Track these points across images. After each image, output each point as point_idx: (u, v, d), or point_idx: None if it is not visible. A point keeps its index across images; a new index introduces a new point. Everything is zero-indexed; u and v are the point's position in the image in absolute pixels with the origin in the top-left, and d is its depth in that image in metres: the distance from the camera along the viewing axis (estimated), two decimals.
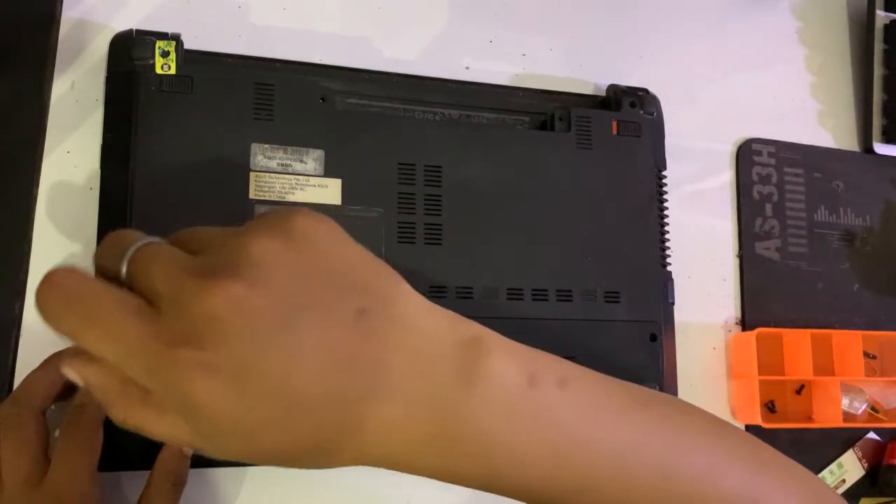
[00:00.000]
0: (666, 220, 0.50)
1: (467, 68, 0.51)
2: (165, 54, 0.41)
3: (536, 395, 0.25)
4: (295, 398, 0.22)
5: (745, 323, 0.54)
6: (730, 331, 0.54)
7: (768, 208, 0.57)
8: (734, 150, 0.57)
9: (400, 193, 0.44)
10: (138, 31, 0.43)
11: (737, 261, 0.56)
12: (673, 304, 0.49)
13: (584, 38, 0.55)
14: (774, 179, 0.57)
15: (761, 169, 0.57)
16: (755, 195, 0.57)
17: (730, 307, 0.55)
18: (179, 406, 0.22)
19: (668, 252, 0.50)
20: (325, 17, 0.49)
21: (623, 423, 0.26)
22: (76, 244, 0.41)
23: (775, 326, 0.54)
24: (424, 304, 0.25)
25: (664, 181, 0.51)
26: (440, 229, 0.44)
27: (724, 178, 0.57)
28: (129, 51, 0.41)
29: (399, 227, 0.43)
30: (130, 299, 0.22)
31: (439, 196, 0.45)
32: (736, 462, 0.28)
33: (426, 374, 0.23)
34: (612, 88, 0.52)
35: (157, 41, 0.41)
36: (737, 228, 0.56)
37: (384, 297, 0.24)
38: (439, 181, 0.45)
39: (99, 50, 0.44)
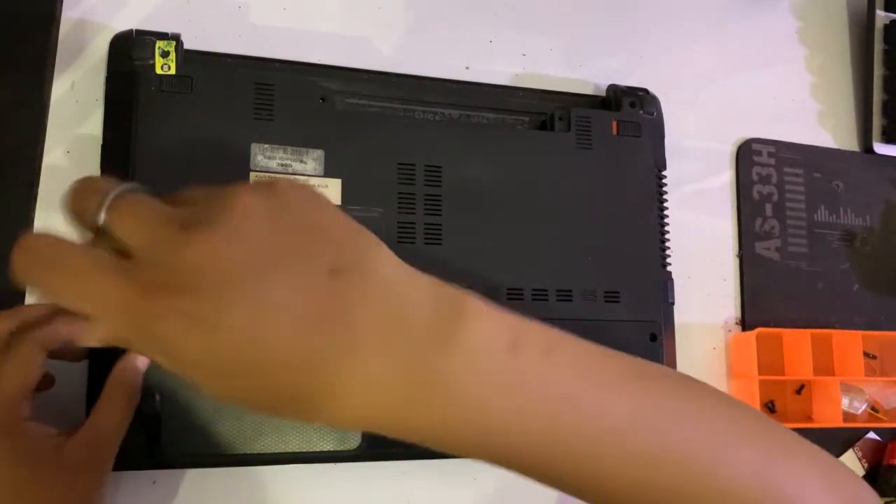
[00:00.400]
0: (666, 220, 0.50)
1: (467, 68, 0.51)
2: (165, 54, 0.41)
3: (517, 362, 0.24)
4: (262, 354, 0.22)
5: (745, 323, 0.54)
6: (730, 331, 0.54)
7: (768, 208, 0.57)
8: (734, 150, 0.57)
9: (400, 193, 0.44)
10: (138, 31, 0.43)
11: (737, 261, 0.56)
12: (673, 304, 0.49)
13: (584, 38, 0.55)
14: (774, 179, 0.57)
15: (761, 169, 0.57)
16: (755, 195, 0.57)
17: (730, 307, 0.55)
18: (158, 349, 0.22)
19: (668, 252, 0.50)
20: (324, 17, 0.49)
21: (613, 394, 0.25)
22: None
23: (775, 326, 0.54)
24: (403, 267, 0.24)
25: (664, 181, 0.51)
26: (440, 229, 0.44)
27: (724, 178, 0.57)
28: (129, 51, 0.41)
29: (399, 227, 0.43)
30: (104, 255, 0.23)
31: (439, 196, 0.45)
32: (745, 445, 0.26)
33: (401, 335, 0.23)
34: (612, 88, 0.52)
35: (157, 41, 0.41)
36: (737, 228, 0.56)
37: (361, 257, 0.23)
38: (439, 181, 0.45)
39: (99, 50, 0.44)
